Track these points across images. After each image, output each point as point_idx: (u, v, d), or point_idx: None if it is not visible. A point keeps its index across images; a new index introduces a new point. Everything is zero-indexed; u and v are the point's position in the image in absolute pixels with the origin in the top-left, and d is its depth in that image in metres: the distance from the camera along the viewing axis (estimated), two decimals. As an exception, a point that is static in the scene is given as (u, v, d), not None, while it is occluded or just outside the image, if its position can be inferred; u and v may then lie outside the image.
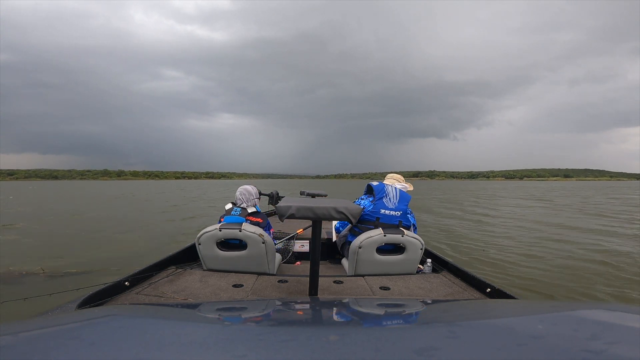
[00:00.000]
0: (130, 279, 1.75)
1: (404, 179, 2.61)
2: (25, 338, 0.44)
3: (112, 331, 0.48)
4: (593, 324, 0.50)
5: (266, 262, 2.08)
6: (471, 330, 0.49)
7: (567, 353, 0.39)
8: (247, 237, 2.01)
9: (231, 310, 0.80)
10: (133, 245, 6.10)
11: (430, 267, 2.29)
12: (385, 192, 2.24)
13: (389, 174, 2.69)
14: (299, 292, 1.80)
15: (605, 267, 4.39)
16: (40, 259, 4.85)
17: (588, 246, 5.68)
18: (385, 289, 1.84)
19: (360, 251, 2.05)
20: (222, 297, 1.66)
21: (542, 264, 4.62)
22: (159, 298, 1.62)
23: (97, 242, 6.26)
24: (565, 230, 7.51)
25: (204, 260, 2.10)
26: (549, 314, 0.56)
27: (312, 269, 1.47)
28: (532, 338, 0.43)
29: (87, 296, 1.45)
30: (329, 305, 0.84)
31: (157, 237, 6.77)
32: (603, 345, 0.40)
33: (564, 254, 5.17)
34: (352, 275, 2.10)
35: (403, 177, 2.63)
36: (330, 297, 1.69)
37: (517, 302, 1.00)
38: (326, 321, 0.71)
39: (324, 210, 1.38)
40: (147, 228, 8.11)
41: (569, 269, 4.37)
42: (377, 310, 0.75)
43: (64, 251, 5.49)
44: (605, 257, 4.85)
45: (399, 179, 2.60)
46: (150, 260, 2.11)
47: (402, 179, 2.61)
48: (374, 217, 2.20)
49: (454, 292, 1.84)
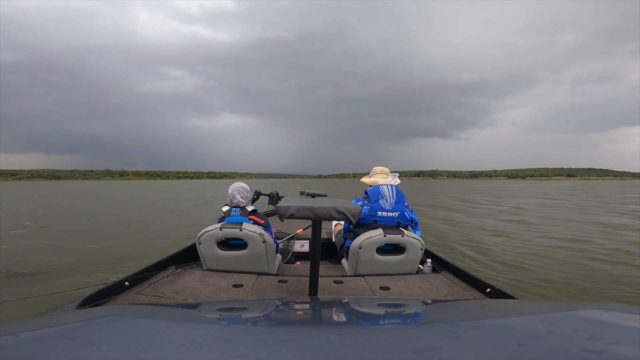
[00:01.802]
0: (130, 279, 1.76)
1: (389, 172, 2.42)
2: (25, 338, 0.44)
3: (112, 331, 0.48)
4: (593, 324, 0.50)
5: (266, 262, 2.08)
6: (471, 330, 0.49)
7: (567, 353, 0.38)
8: (247, 236, 2.01)
9: (231, 310, 0.80)
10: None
11: (430, 267, 2.29)
12: (381, 194, 2.21)
13: (375, 168, 2.50)
14: (299, 292, 1.79)
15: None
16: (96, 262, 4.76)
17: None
18: (385, 289, 1.84)
19: (360, 251, 2.05)
20: (222, 297, 1.66)
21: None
22: (159, 298, 1.63)
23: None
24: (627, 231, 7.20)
25: (204, 260, 2.10)
26: (549, 314, 0.56)
27: (312, 269, 1.47)
28: (532, 338, 0.43)
29: (87, 296, 1.45)
30: (329, 305, 0.84)
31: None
32: (603, 345, 0.40)
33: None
34: (352, 275, 2.09)
35: (389, 170, 2.47)
36: (330, 297, 1.69)
37: (517, 302, 1.00)
38: (326, 321, 0.71)
39: (324, 210, 1.38)
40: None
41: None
42: (377, 310, 0.75)
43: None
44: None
45: (387, 172, 2.45)
46: (150, 260, 2.12)
47: (388, 172, 2.43)
48: (372, 220, 2.19)
49: (454, 292, 1.83)
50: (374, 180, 2.41)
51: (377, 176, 2.41)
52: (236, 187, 2.32)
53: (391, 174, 2.45)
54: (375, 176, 2.43)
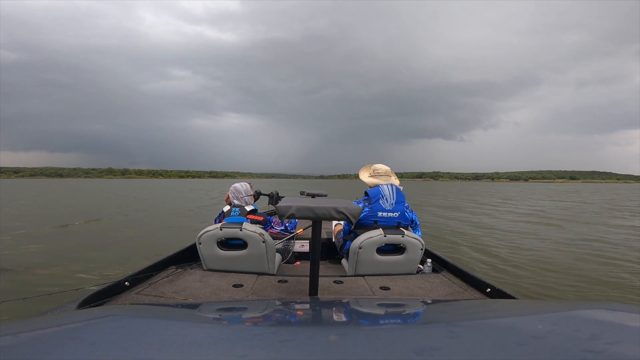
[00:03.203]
0: (130, 279, 1.76)
1: (392, 172, 2.34)
2: (25, 338, 0.44)
3: (112, 331, 0.48)
4: (593, 324, 0.50)
5: (266, 262, 2.08)
6: (471, 330, 0.49)
7: (567, 353, 0.38)
8: (247, 236, 2.01)
9: (231, 310, 0.80)
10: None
11: (430, 267, 2.29)
12: (382, 194, 2.19)
13: (378, 167, 2.39)
14: (299, 292, 1.79)
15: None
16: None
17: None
18: (385, 289, 1.84)
19: (361, 251, 2.04)
20: (222, 297, 1.66)
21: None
22: (159, 298, 1.63)
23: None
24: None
25: (204, 260, 2.10)
26: (549, 314, 0.55)
27: (312, 269, 1.47)
28: (532, 338, 0.43)
29: (87, 296, 1.45)
30: (329, 305, 0.83)
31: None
32: (603, 345, 0.40)
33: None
34: (352, 275, 2.09)
35: (391, 170, 2.35)
36: (330, 297, 1.69)
37: (517, 302, 0.99)
38: (326, 321, 0.71)
39: (324, 210, 1.38)
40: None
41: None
42: (377, 310, 0.75)
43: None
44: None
45: (390, 174, 2.35)
46: (150, 260, 2.12)
47: (391, 173, 2.34)
48: (372, 220, 2.18)
49: (454, 292, 1.83)
50: (375, 181, 2.34)
51: (380, 178, 2.34)
52: (237, 187, 2.33)
53: (392, 174, 2.38)
54: (378, 178, 2.35)
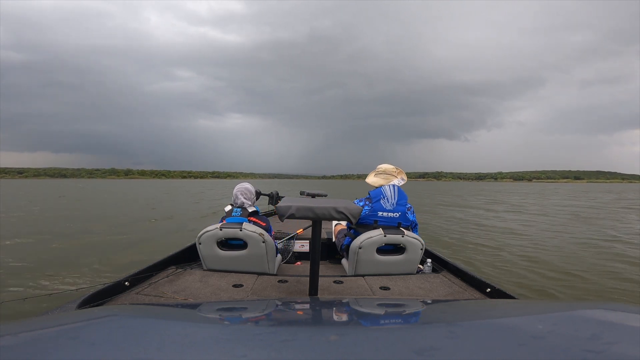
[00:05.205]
0: (130, 279, 1.76)
1: (394, 170, 2.34)
2: (25, 338, 0.45)
3: (112, 331, 0.48)
4: (593, 324, 0.50)
5: (266, 262, 2.08)
6: (471, 330, 0.49)
7: (567, 353, 0.38)
8: (247, 236, 2.01)
9: (231, 310, 0.80)
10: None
11: (430, 267, 2.28)
12: (383, 194, 2.18)
13: (380, 166, 2.39)
14: (299, 292, 1.79)
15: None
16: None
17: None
18: (385, 289, 1.84)
19: (361, 251, 2.04)
20: (222, 297, 1.66)
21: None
22: (159, 298, 1.63)
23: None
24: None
25: (204, 260, 2.10)
26: (549, 314, 0.55)
27: (312, 269, 1.47)
28: (532, 338, 0.43)
29: (87, 296, 1.45)
30: (329, 305, 0.83)
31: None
32: (603, 345, 0.40)
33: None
34: (352, 275, 2.09)
35: (394, 168, 2.35)
36: (330, 297, 1.69)
37: (517, 302, 0.99)
38: (326, 321, 0.71)
39: (324, 210, 1.38)
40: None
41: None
42: (377, 310, 0.75)
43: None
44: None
45: (390, 172, 2.34)
46: (151, 260, 2.12)
47: (393, 171, 2.34)
48: (372, 220, 2.17)
49: (454, 292, 1.83)
50: (376, 181, 2.33)
51: (380, 177, 2.33)
52: (240, 188, 2.34)
53: (397, 172, 2.35)
54: (378, 176, 2.35)
